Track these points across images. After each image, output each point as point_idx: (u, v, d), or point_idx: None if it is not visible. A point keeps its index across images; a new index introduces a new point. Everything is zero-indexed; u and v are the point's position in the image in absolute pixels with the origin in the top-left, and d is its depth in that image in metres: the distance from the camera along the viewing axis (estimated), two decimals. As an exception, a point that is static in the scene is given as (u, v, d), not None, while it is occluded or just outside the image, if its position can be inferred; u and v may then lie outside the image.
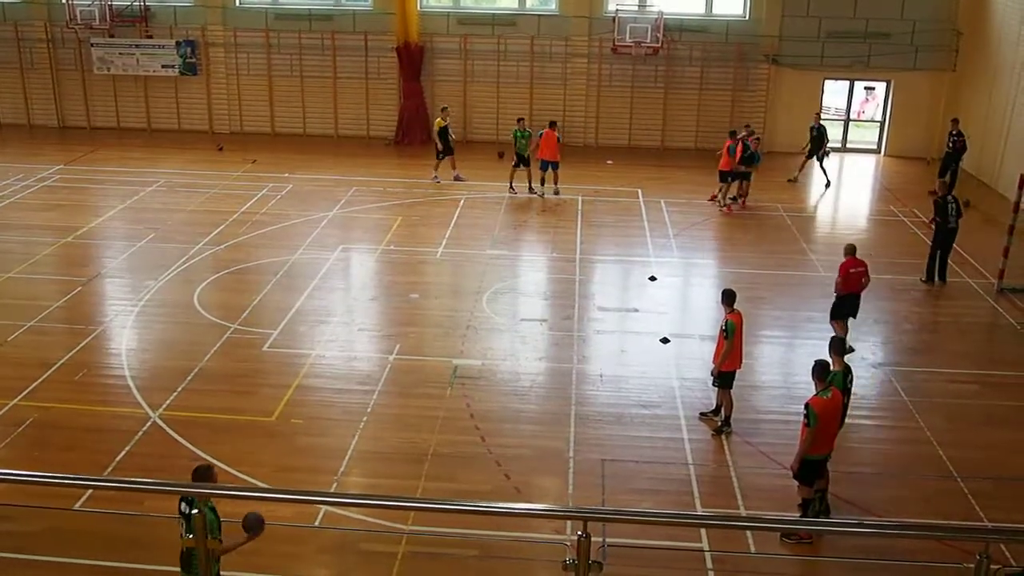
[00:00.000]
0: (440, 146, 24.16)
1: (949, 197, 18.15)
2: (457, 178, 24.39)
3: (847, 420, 11.10)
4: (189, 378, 13.83)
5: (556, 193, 23.45)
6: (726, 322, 12.41)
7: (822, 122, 25.25)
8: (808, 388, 10.60)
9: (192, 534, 7.71)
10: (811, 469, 10.45)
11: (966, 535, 6.57)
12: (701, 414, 13.11)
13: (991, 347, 16.09)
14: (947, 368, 14.89)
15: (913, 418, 13.24)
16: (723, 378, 12.61)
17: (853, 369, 11.72)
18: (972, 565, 4.76)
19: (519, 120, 24.10)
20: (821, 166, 25.09)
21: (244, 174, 24.98)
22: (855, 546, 10.45)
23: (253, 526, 8.06)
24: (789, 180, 25.32)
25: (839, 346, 11.31)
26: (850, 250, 14.96)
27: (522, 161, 23.47)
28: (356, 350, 15.14)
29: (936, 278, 18.26)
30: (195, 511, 4.60)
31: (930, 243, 18.48)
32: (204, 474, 8.32)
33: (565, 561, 4.81)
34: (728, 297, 12.71)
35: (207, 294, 17.01)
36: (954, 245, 18.28)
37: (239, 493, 8.84)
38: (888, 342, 15.93)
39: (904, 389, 14.03)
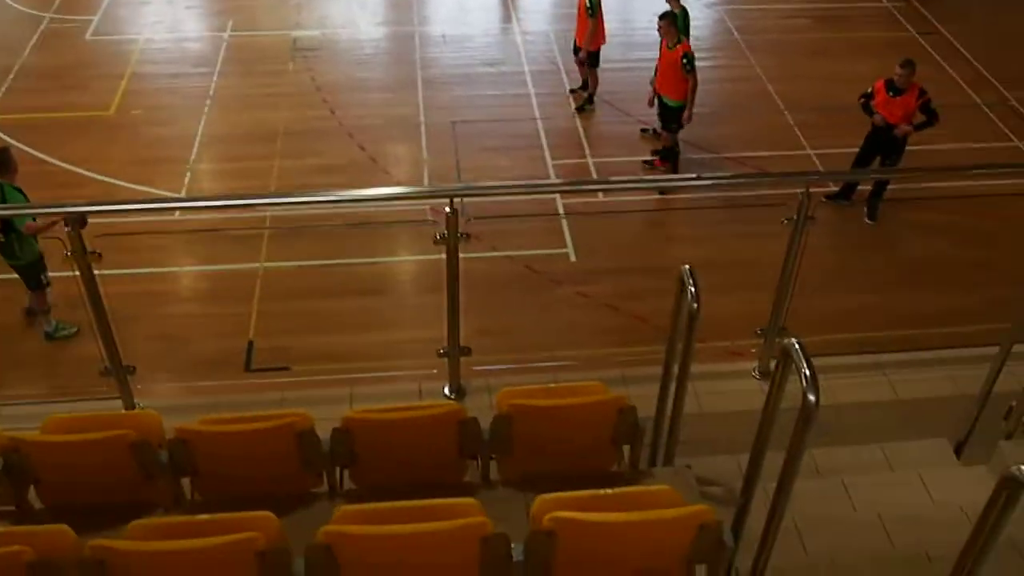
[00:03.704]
0: None
1: None
2: None
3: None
4: (11, 77, 12.92)
5: None
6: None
7: None
8: (646, 34, 10.78)
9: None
10: (679, 116, 10.83)
11: (792, 178, 7.32)
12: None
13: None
14: (780, 4, 15.32)
15: (744, 56, 13.81)
16: (592, 57, 12.15)
17: (689, 10, 11.95)
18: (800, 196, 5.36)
19: None
20: None
21: None
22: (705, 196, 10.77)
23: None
24: None
25: None
26: None
27: None
28: (186, 30, 14.34)
29: None
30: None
31: None
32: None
33: (436, 236, 5.20)
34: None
35: (6, -21, 15.43)
36: None
37: (89, 208, 8.78)
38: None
39: (737, 27, 14.48)
